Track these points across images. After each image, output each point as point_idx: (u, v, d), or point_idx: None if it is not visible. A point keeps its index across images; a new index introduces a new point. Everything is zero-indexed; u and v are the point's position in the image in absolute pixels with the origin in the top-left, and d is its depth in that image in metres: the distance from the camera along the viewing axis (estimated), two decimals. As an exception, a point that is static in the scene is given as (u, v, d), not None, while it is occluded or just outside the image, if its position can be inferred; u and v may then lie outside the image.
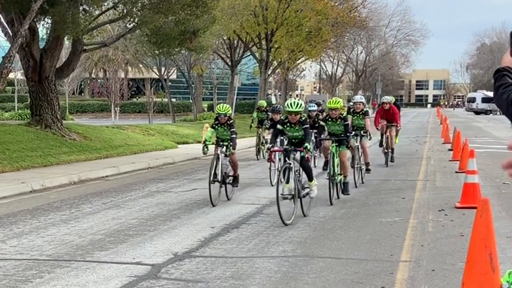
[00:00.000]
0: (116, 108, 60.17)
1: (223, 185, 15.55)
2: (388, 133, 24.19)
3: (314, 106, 23.76)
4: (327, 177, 15.83)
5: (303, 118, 13.58)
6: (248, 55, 65.56)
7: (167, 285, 8.48)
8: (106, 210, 14.42)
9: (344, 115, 16.31)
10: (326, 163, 16.81)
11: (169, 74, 69.38)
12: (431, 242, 11.11)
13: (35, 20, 25.87)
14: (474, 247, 7.10)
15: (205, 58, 63.40)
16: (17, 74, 69.90)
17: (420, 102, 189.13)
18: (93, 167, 22.24)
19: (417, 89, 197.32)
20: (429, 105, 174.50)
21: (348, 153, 16.48)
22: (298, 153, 13.43)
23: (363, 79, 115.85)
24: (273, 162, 18.35)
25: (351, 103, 21.00)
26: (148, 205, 15.10)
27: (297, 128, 13.59)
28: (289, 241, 11.36)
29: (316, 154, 23.50)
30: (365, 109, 20.25)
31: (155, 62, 64.05)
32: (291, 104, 13.29)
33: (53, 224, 12.78)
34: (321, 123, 16.44)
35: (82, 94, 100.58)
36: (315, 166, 21.38)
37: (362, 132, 19.61)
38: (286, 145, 14.18)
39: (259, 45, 58.15)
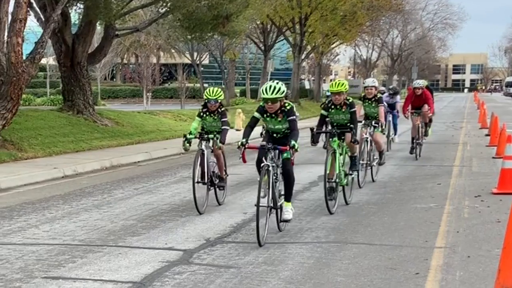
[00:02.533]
0: (148, 94, 60.46)
1: (211, 188, 13.21)
2: (418, 122, 21.58)
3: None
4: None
5: (288, 107, 10.55)
6: (282, 40, 65.48)
7: (199, 271, 8.54)
8: (138, 196, 14.53)
9: (350, 100, 13.30)
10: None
11: (202, 59, 69.60)
12: (467, 228, 11.06)
13: (67, 5, 26.05)
14: (511, 233, 7.05)
15: (238, 43, 63.50)
16: (49, 60, 70.51)
17: (457, 86, 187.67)
18: (125, 152, 22.40)
19: (453, 73, 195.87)
20: (466, 90, 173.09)
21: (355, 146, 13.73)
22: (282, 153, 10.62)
23: (398, 63, 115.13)
24: (244, 162, 15.17)
25: (384, 88, 19.67)
26: (180, 190, 15.18)
27: (279, 119, 10.68)
28: (322, 227, 11.38)
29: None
30: (379, 95, 17.00)
31: (187, 47, 64.28)
32: (266, 89, 10.32)
33: (85, 210, 12.91)
34: (322, 111, 13.47)
35: (114, 80, 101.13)
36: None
37: (373, 122, 16.49)
38: (263, 141, 11.39)
39: (293, 29, 57.99)
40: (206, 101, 13.07)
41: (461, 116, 50.77)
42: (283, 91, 10.34)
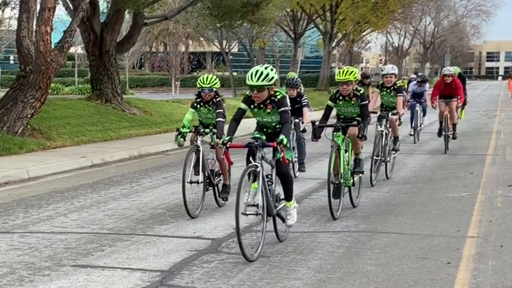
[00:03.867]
0: (176, 82, 60.57)
1: (209, 188, 11.95)
2: (447, 111, 20.23)
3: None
4: (370, 156, 14.43)
5: (278, 96, 9.09)
6: (312, 27, 65.32)
7: (227, 260, 8.58)
8: (166, 185, 14.61)
9: (361, 91, 11.93)
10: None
11: (231, 47, 69.53)
12: (500, 218, 11.00)
13: (95, -7, 26.20)
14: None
15: (267, 30, 63.29)
16: (77, 49, 70.88)
17: (491, 74, 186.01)
18: (153, 141, 22.51)
19: (487, 61, 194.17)
20: (500, 78, 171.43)
21: (356, 129, 11.74)
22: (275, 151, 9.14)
23: (431, 51, 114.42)
24: (230, 163, 10.68)
25: (414, 76, 18.33)
26: (209, 179, 15.22)
27: (268, 111, 9.31)
28: (352, 216, 11.37)
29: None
30: (398, 84, 15.61)
31: (216, 35, 64.21)
32: (252, 74, 8.91)
33: (114, 198, 13.01)
34: (328, 103, 12.11)
35: (142, 68, 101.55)
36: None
37: (390, 113, 15.09)
38: (253, 138, 9.40)
39: (323, 17, 57.85)
40: (200, 89, 11.72)
41: (495, 105, 50.36)
42: (272, 78, 8.92)
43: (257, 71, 8.91)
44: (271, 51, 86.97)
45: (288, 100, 9.25)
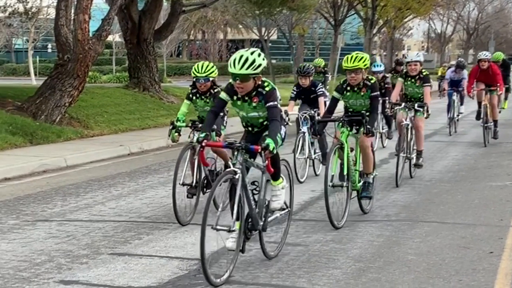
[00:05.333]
0: (214, 70, 60.60)
1: (207, 191, 10.72)
2: (487, 101, 19.01)
3: (381, 66, 19.38)
4: (396, 153, 13.42)
5: (267, 88, 7.79)
6: (353, 14, 64.88)
7: (266, 249, 8.60)
8: (204, 173, 14.64)
9: (372, 81, 10.46)
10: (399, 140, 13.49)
11: (270, 34, 69.42)
12: (545, 207, 10.90)
13: (133, -20, 26.35)
14: None
15: (307, 17, 63.18)
16: (115, 37, 71.30)
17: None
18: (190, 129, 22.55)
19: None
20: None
21: (369, 140, 10.45)
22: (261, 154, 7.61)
23: (474, 37, 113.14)
24: (206, 164, 9.49)
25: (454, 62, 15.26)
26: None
27: (254, 105, 7.91)
28: (393, 205, 11.34)
29: (383, 131, 19.00)
30: (424, 73, 13.85)
31: (255, 22, 64.20)
32: (234, 60, 7.57)
33: (151, 187, 13.10)
34: (334, 94, 10.63)
35: (180, 56, 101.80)
36: (383, 146, 18.74)
37: (416, 105, 13.55)
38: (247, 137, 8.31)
39: (364, 3, 57.45)
40: (194, 79, 10.49)
41: (541, 92, 49.68)
42: (258, 65, 7.56)
43: (241, 57, 7.54)
44: (311, 38, 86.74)
45: (278, 93, 7.89)
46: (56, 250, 8.64)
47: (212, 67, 10.43)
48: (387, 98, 17.12)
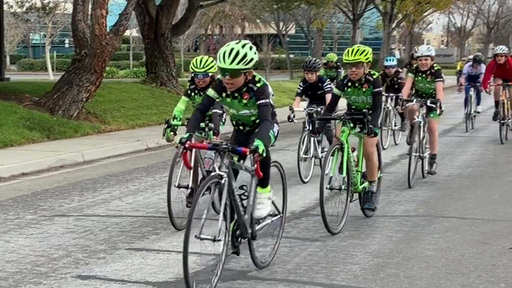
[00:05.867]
0: (232, 65, 60.65)
1: (205, 193, 9.28)
2: (504, 96, 18.55)
3: (393, 60, 18.67)
4: (407, 152, 12.69)
5: (258, 84, 7.25)
6: (371, 8, 64.75)
7: (284, 244, 8.60)
8: (222, 168, 14.64)
9: (375, 76, 9.82)
10: (410, 133, 13.14)
11: (288, 29, 69.41)
12: None
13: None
14: None
15: (325, 12, 63.11)
16: (132, 32, 71.45)
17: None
18: (208, 125, 22.59)
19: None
20: None
21: (373, 144, 9.81)
22: (249, 156, 7.02)
23: (494, 31, 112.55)
24: (189, 168, 8.51)
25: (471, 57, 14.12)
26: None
27: (245, 101, 7.39)
28: (412, 200, 11.32)
29: (395, 128, 18.39)
30: (436, 67, 13.15)
31: (273, 17, 64.21)
32: (224, 54, 7.02)
33: (169, 182, 13.11)
34: (334, 90, 10.19)
35: (198, 51, 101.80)
36: (396, 143, 18.15)
37: (429, 101, 12.84)
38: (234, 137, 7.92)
39: (383, -3, 57.33)
40: (193, 74, 10.07)
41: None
42: (250, 59, 7.03)
43: (231, 50, 7.00)
44: (329, 32, 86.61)
45: (270, 90, 7.37)
46: (73, 245, 8.69)
47: (212, 62, 9.95)
48: (400, 94, 15.78)
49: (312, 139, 12.86)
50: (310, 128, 11.97)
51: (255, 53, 7.07)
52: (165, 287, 7.11)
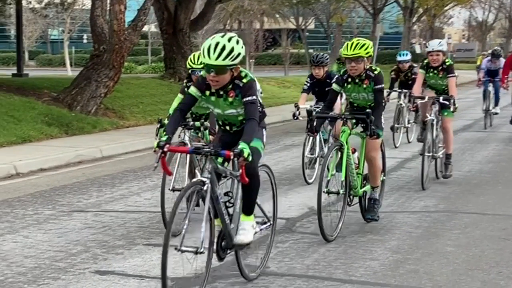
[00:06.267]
0: (250, 60, 60.79)
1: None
2: None
3: (406, 54, 18.05)
4: (420, 152, 12.17)
5: (245, 80, 6.71)
6: (392, 2, 64.50)
7: (302, 239, 8.62)
8: (240, 164, 14.65)
9: (377, 71, 9.11)
10: (422, 130, 12.63)
11: (307, 24, 69.28)
12: None
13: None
14: None
15: (345, 6, 62.96)
16: (150, 27, 71.62)
17: None
18: (227, 120, 22.62)
19: None
20: None
21: (376, 148, 9.22)
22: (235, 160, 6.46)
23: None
24: (169, 173, 7.63)
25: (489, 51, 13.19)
26: (284, 158, 15.27)
27: (231, 100, 6.79)
28: (432, 196, 11.29)
29: (409, 125, 17.76)
30: (448, 62, 12.53)
31: (292, 11, 64.14)
32: (209, 48, 6.50)
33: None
34: (334, 86, 9.45)
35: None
36: (409, 142, 17.52)
37: (442, 98, 12.23)
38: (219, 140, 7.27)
39: (403, -9, 57.13)
40: (190, 71, 9.52)
41: None
42: (237, 55, 6.50)
43: (217, 44, 6.47)
44: (349, 27, 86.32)
45: (258, 86, 6.88)
46: (91, 240, 8.73)
47: None
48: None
49: (318, 138, 12.26)
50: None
51: (242, 47, 6.55)
52: (184, 282, 7.13)
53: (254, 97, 6.64)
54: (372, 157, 9.14)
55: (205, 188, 6.39)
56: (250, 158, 6.25)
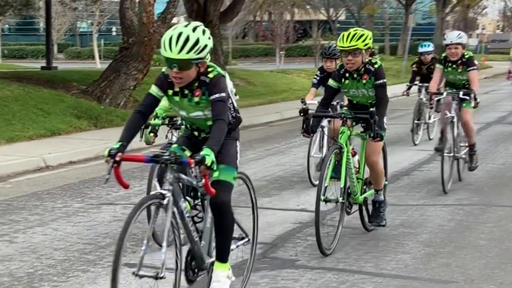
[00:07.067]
0: (281, 52, 60.70)
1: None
2: None
3: (429, 45, 16.98)
4: (439, 153, 11.57)
5: (211, 75, 5.83)
6: (424, -7, 64.26)
7: (332, 232, 8.60)
8: (269, 157, 14.71)
9: (377, 64, 8.26)
10: (441, 137, 11.45)
11: (338, 15, 69.18)
12: None
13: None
14: None
15: (376, -3, 62.69)
16: (180, 19, 71.82)
17: None
18: (256, 112, 22.66)
19: None
20: None
21: (377, 152, 8.51)
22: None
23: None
24: (125, 186, 6.01)
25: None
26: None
27: (197, 100, 5.89)
28: (465, 189, 11.24)
29: (430, 122, 16.77)
30: (467, 55, 11.62)
31: (323, 2, 64.06)
32: (170, 39, 5.62)
33: (216, 170, 13.17)
34: (330, 82, 8.52)
35: (246, 38, 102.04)
36: (430, 139, 16.51)
37: (461, 93, 11.33)
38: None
39: (436, -20, 56.80)
40: None
41: None
42: (203, 47, 5.69)
43: (179, 35, 5.61)
44: (381, 18, 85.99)
45: (227, 82, 6.03)
46: (120, 233, 8.78)
47: None
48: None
49: (325, 137, 11.38)
50: (324, 124, 10.56)
51: (209, 38, 5.74)
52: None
53: (223, 94, 5.75)
54: (374, 162, 8.40)
55: (165, 202, 5.58)
56: (215, 167, 5.43)
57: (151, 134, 8.68)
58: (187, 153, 6.05)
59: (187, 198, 6.36)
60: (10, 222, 9.40)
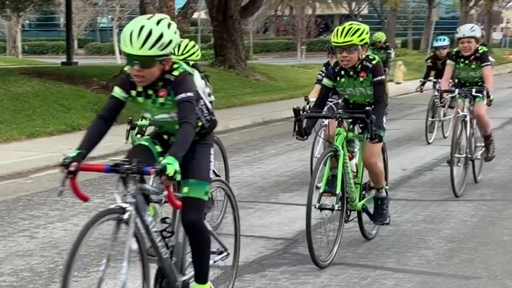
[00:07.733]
0: (302, 47, 60.66)
1: None
2: None
3: (444, 39, 16.35)
4: (447, 162, 10.98)
5: (176, 72, 5.22)
6: (447, -14, 64.02)
7: (354, 228, 8.60)
8: (290, 152, 14.72)
9: (375, 60, 7.78)
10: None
11: (360, 9, 69.02)
12: None
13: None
14: None
15: (399, -10, 62.52)
16: (200, 14, 71.91)
17: None
18: (277, 108, 22.68)
19: None
20: None
21: (376, 153, 7.99)
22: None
23: None
24: (83, 199, 5.71)
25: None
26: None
27: (162, 101, 5.35)
28: (488, 184, 11.21)
29: (444, 119, 16.28)
30: (481, 50, 10.98)
31: (344, -4, 63.87)
32: (131, 34, 5.07)
33: (237, 166, 13.21)
34: (324, 81, 7.99)
35: (267, 33, 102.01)
36: (445, 137, 16.11)
37: (474, 90, 10.76)
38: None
39: (460, -26, 56.55)
40: None
41: None
42: (168, 42, 5.10)
43: (141, 29, 5.04)
44: (404, 12, 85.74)
45: (197, 81, 5.45)
46: (141, 228, 8.82)
47: (193, 47, 8.25)
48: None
49: (320, 140, 11.09)
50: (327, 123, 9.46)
51: (175, 32, 5.15)
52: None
53: (190, 94, 5.17)
54: (372, 164, 7.91)
55: (125, 216, 5.06)
56: (178, 177, 4.86)
57: (138, 136, 8.17)
58: (158, 148, 5.55)
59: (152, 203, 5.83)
60: (31, 217, 9.49)
